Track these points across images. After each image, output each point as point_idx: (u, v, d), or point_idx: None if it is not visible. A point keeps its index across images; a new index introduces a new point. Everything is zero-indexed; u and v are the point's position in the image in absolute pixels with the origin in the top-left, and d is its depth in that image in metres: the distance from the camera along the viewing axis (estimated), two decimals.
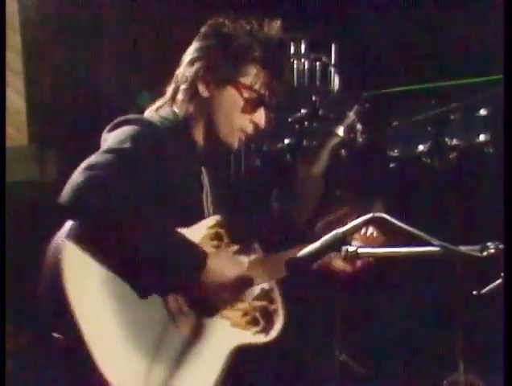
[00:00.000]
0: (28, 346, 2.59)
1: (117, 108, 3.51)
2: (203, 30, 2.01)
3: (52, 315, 1.78)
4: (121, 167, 1.77)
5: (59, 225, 1.85)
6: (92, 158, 1.79)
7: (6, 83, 2.63)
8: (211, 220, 1.94)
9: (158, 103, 2.03)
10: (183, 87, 1.99)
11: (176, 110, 1.99)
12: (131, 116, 1.94)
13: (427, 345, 3.26)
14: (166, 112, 2.00)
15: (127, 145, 1.81)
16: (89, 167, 1.74)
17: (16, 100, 3.79)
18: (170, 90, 2.03)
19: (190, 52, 2.01)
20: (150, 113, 2.02)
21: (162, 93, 2.05)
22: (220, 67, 1.95)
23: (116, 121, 1.92)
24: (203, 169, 2.02)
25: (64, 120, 3.67)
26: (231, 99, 1.96)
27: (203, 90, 1.96)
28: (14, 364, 2.41)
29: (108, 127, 1.93)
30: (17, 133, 3.77)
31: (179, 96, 1.99)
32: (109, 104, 3.62)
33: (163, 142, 1.90)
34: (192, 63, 1.98)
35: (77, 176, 1.74)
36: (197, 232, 1.89)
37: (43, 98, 3.75)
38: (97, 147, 1.99)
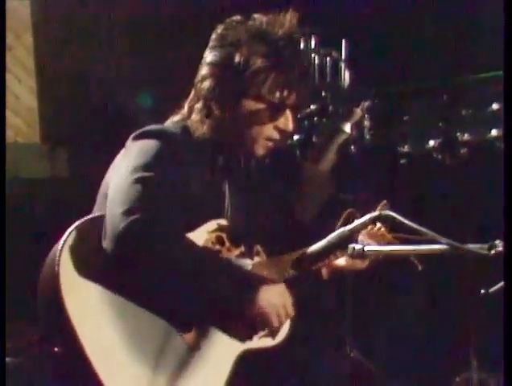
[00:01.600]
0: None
1: (128, 108, 3.53)
2: (211, 39, 1.95)
3: (51, 328, 1.77)
4: (153, 198, 1.76)
5: (70, 223, 1.86)
6: (124, 194, 1.75)
7: (6, 81, 2.63)
8: (212, 224, 1.92)
9: (177, 117, 1.99)
10: (197, 106, 1.95)
11: (193, 128, 1.94)
12: (155, 128, 1.91)
13: (440, 342, 3.23)
14: (186, 124, 1.96)
15: (152, 172, 1.79)
16: (128, 211, 1.71)
17: (28, 98, 3.81)
18: (186, 105, 1.98)
19: (202, 65, 1.96)
20: (171, 124, 1.98)
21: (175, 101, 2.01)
22: (230, 84, 1.89)
23: (142, 130, 1.91)
24: (224, 178, 1.99)
25: (75, 118, 3.69)
26: (248, 113, 1.90)
27: (216, 109, 1.91)
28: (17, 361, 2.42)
29: (133, 135, 1.91)
30: (29, 130, 3.79)
31: (194, 116, 1.95)
32: (120, 104, 3.62)
33: (185, 158, 1.87)
34: (202, 80, 1.94)
35: (119, 222, 1.71)
36: (199, 237, 1.88)
37: (55, 96, 3.76)
38: (108, 145, 2.00)
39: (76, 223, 1.80)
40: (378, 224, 2.04)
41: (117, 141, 2.01)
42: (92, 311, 1.75)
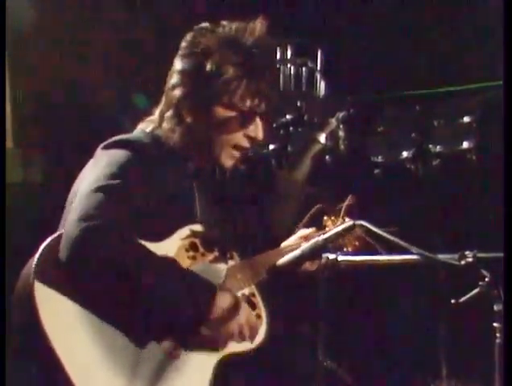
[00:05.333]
0: None
1: (104, 112, 3.52)
2: (181, 47, 1.95)
3: (26, 341, 1.75)
4: (114, 207, 1.75)
5: (42, 228, 1.84)
6: (84, 202, 1.73)
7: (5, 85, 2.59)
8: (184, 231, 1.91)
9: (145, 125, 1.99)
10: (167, 114, 1.95)
11: (164, 137, 1.95)
12: (124, 138, 1.92)
13: (411, 351, 3.26)
14: (158, 133, 1.97)
15: (117, 180, 1.78)
16: (84, 218, 1.70)
17: None
18: (157, 113, 1.99)
19: (172, 73, 1.96)
20: (141, 133, 1.98)
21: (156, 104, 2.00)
22: (202, 92, 1.89)
23: (111, 140, 1.91)
24: (194, 185, 1.99)
25: (49, 122, 3.66)
26: (219, 120, 1.91)
27: (187, 116, 1.92)
28: None
29: (103, 144, 1.91)
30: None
31: (165, 124, 1.95)
32: (94, 107, 3.61)
33: (153, 168, 1.87)
34: (173, 88, 1.94)
35: (73, 229, 1.70)
36: (172, 244, 1.87)
37: (28, 100, 3.73)
38: (81, 150, 1.98)
39: (50, 238, 1.78)
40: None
41: (91, 145, 2.01)
42: (67, 325, 1.73)
